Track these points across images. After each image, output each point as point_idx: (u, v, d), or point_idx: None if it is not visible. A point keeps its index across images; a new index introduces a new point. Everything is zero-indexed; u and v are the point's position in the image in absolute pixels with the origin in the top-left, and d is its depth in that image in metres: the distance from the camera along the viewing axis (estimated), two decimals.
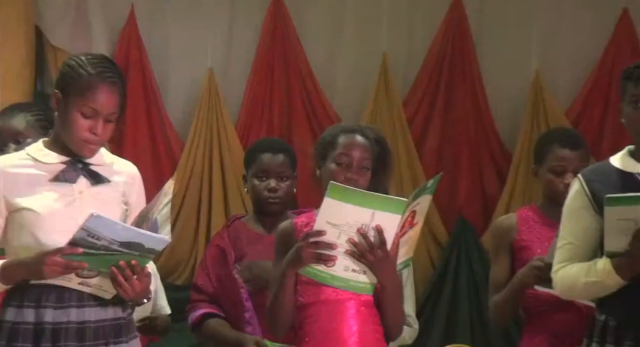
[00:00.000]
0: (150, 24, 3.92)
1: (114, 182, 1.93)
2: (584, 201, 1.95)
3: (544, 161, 2.35)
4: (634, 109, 1.92)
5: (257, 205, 2.45)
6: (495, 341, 3.74)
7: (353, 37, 3.96)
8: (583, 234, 1.95)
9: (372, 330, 1.85)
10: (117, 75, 1.92)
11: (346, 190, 1.75)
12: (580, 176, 1.99)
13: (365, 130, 1.95)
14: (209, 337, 2.43)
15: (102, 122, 1.87)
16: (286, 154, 2.47)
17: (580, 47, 3.93)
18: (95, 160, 1.94)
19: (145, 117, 3.89)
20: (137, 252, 1.78)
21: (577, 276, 1.93)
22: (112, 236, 1.75)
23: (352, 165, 1.88)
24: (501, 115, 3.96)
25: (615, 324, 1.91)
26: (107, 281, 1.84)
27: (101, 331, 1.87)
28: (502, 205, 3.82)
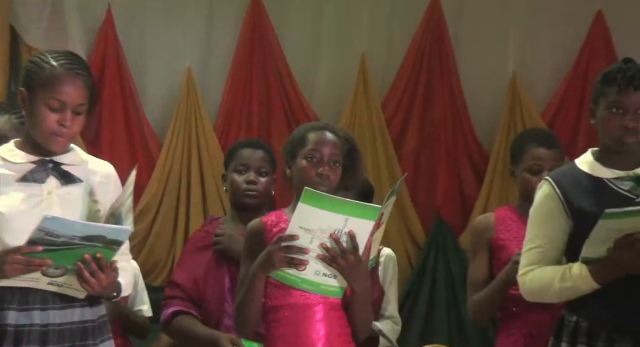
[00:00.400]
0: (127, 24, 3.90)
1: (86, 183, 1.90)
2: (556, 205, 1.96)
3: (521, 161, 2.36)
4: (613, 114, 1.93)
5: (236, 200, 2.44)
6: (472, 340, 3.77)
7: (332, 38, 3.97)
8: (552, 237, 1.96)
9: (340, 333, 1.85)
10: (82, 68, 1.89)
11: (320, 196, 1.75)
12: (550, 180, 2.00)
13: (334, 128, 1.96)
14: (180, 334, 2.41)
15: (70, 115, 1.85)
16: (266, 151, 2.47)
17: (556, 49, 3.97)
18: (69, 160, 1.91)
19: (123, 117, 3.87)
20: (100, 244, 1.77)
21: (550, 280, 1.93)
22: (71, 233, 1.74)
23: (323, 160, 1.88)
24: (479, 117, 3.99)
25: (587, 325, 1.93)
26: (77, 279, 1.82)
27: (67, 334, 1.84)
28: (480, 205, 3.85)
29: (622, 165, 1.96)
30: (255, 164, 2.41)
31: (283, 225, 1.86)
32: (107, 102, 3.86)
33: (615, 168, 1.96)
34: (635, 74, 1.93)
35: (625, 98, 1.92)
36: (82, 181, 1.90)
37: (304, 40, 3.97)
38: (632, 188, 1.94)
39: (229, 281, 2.36)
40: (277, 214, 1.93)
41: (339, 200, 1.77)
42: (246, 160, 2.41)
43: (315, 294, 1.83)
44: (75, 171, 1.91)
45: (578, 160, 2.02)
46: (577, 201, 1.94)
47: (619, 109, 1.93)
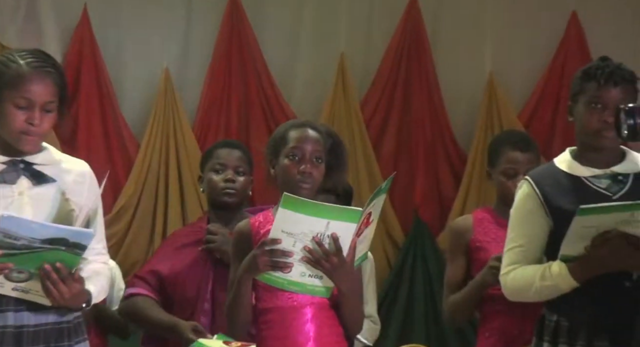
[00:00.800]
0: (104, 23, 3.86)
1: (59, 182, 1.89)
2: (535, 204, 1.97)
3: (496, 164, 2.38)
4: (592, 109, 1.95)
5: (213, 199, 2.43)
6: (450, 340, 3.79)
7: (311, 38, 3.96)
8: (533, 236, 1.97)
9: (330, 333, 1.86)
10: (50, 65, 1.87)
11: (300, 201, 1.75)
12: (529, 179, 2.01)
13: (315, 125, 1.95)
14: (132, 315, 2.39)
15: (38, 112, 1.82)
16: (243, 151, 2.47)
17: (532, 50, 4.01)
18: (41, 159, 1.89)
19: (100, 117, 3.83)
20: (62, 247, 1.74)
21: (530, 279, 1.94)
22: (31, 235, 1.72)
23: (305, 158, 1.87)
24: (456, 117, 4.01)
25: (567, 324, 1.95)
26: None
27: (41, 335, 1.83)
28: (458, 205, 3.88)
29: (599, 163, 1.98)
30: (233, 163, 2.41)
31: (269, 226, 1.85)
32: (83, 102, 3.83)
33: (592, 166, 1.98)
34: (614, 69, 1.95)
35: (604, 93, 1.94)
36: (54, 180, 1.88)
37: (283, 40, 3.97)
38: (608, 186, 1.96)
39: (212, 282, 2.35)
40: (264, 214, 1.93)
41: (318, 204, 1.77)
42: (223, 159, 2.41)
43: (303, 295, 1.84)
44: (48, 171, 1.89)
45: (556, 158, 2.04)
46: (556, 200, 1.95)
47: (598, 104, 1.95)
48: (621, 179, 1.96)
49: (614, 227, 1.83)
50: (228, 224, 2.41)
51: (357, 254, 1.85)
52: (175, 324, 2.29)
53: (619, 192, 1.95)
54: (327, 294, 1.84)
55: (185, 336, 2.24)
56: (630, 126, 1.50)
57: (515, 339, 2.27)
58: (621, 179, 1.96)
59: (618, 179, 1.96)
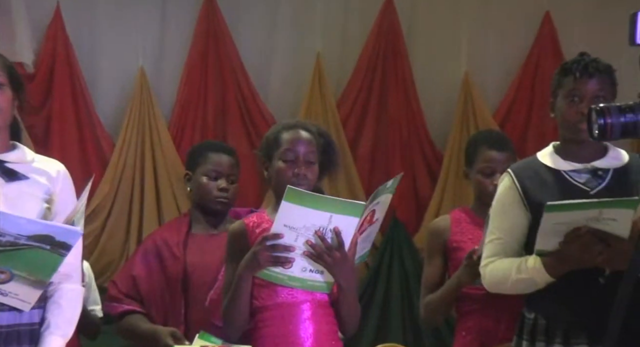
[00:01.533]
0: (77, 21, 3.82)
1: (32, 180, 1.88)
2: (514, 197, 1.99)
3: (473, 163, 2.40)
4: (571, 102, 1.98)
5: (204, 204, 2.43)
6: (426, 340, 3.81)
7: (287, 37, 3.96)
8: (512, 229, 1.99)
9: (328, 330, 1.85)
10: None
11: (303, 194, 1.75)
12: (510, 172, 2.03)
13: (307, 125, 1.95)
14: (126, 332, 2.41)
15: None
16: (234, 157, 2.47)
17: (507, 49, 4.05)
18: (13, 158, 1.88)
19: (74, 116, 3.79)
20: (47, 245, 1.72)
21: (507, 271, 1.96)
22: (17, 231, 1.70)
23: (299, 160, 1.88)
24: (432, 117, 4.04)
25: (544, 322, 1.96)
26: (23, 288, 1.78)
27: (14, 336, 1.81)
28: (434, 205, 3.90)
29: (580, 157, 2.00)
30: (227, 171, 2.41)
31: (265, 225, 1.85)
32: (56, 101, 3.78)
33: (574, 160, 2.00)
34: (590, 62, 1.99)
35: (581, 85, 1.97)
36: (27, 177, 1.87)
37: (259, 39, 3.96)
38: (587, 180, 1.98)
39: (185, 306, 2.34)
40: (258, 214, 1.93)
41: (321, 197, 1.77)
42: (218, 166, 2.42)
43: (302, 293, 1.83)
44: (20, 169, 1.87)
45: (539, 152, 2.06)
46: (535, 193, 1.97)
47: (575, 97, 1.98)
48: (601, 174, 1.98)
49: (584, 224, 1.85)
50: (212, 227, 2.42)
51: (359, 252, 1.85)
52: (154, 331, 2.29)
53: (597, 187, 1.97)
54: (328, 290, 1.84)
55: (163, 342, 2.24)
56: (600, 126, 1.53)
57: (491, 337, 2.28)
58: (601, 174, 1.98)
59: (598, 174, 1.98)
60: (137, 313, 2.38)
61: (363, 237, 1.84)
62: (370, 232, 1.86)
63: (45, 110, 3.79)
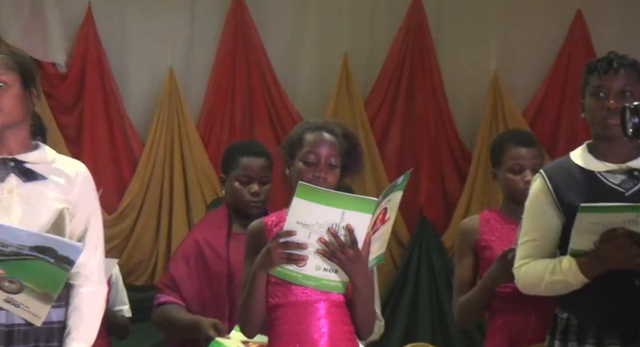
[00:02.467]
0: (108, 21, 3.86)
1: (50, 180, 1.87)
2: (547, 198, 1.98)
3: (502, 162, 2.37)
4: (596, 99, 1.96)
5: (238, 209, 2.44)
6: (455, 339, 3.78)
7: (314, 37, 3.96)
8: (545, 230, 1.98)
9: (343, 330, 1.85)
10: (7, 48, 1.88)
11: (315, 190, 1.74)
12: (542, 173, 2.02)
13: (332, 127, 1.92)
14: (163, 322, 2.40)
15: None
16: (266, 157, 2.46)
17: (537, 48, 4.01)
18: (33, 158, 1.88)
19: (105, 116, 3.83)
20: (51, 258, 1.73)
21: (542, 273, 1.95)
22: (18, 242, 1.71)
23: (320, 162, 1.86)
24: (461, 116, 4.01)
25: (577, 322, 1.95)
26: (34, 301, 1.79)
27: (32, 334, 1.82)
28: (463, 204, 3.88)
29: (613, 157, 1.97)
30: (258, 175, 2.41)
31: (283, 224, 1.84)
32: (88, 100, 3.83)
33: (607, 160, 1.98)
34: (615, 58, 1.97)
35: (606, 81, 1.96)
36: (45, 178, 1.86)
37: (287, 40, 3.97)
38: (622, 182, 1.95)
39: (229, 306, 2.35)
40: (277, 214, 1.93)
41: (333, 193, 1.75)
42: (249, 170, 2.41)
43: (316, 292, 1.83)
44: (40, 169, 1.87)
45: (573, 152, 2.04)
46: (567, 195, 1.95)
47: (601, 93, 1.96)
48: (636, 175, 1.95)
49: (621, 226, 1.82)
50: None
51: (373, 253, 1.84)
52: (196, 321, 2.29)
53: (632, 188, 1.94)
54: (343, 289, 1.83)
55: (205, 334, 2.24)
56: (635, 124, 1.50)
57: (520, 335, 2.26)
58: (637, 175, 1.95)
59: (633, 175, 1.95)
60: (172, 304, 2.37)
61: (376, 237, 1.82)
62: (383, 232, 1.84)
63: (77, 109, 3.84)
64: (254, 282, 1.82)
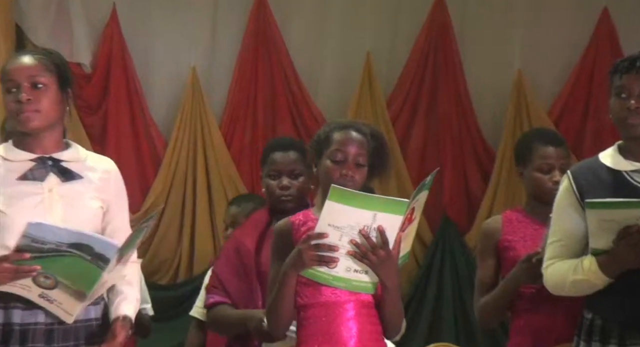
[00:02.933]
0: (132, 22, 3.90)
1: (86, 178, 1.90)
2: (571, 199, 1.97)
3: (529, 162, 2.35)
4: (618, 99, 1.96)
5: (272, 205, 2.43)
6: (479, 339, 3.76)
7: (337, 36, 3.96)
8: (571, 231, 1.97)
9: (371, 331, 1.85)
10: (37, 52, 1.91)
11: (347, 193, 1.75)
12: (569, 173, 2.01)
13: (360, 126, 1.94)
14: (215, 323, 2.42)
15: (25, 89, 1.84)
16: (297, 149, 2.41)
17: (562, 46, 3.97)
18: (67, 156, 1.91)
19: (128, 116, 3.87)
20: (88, 256, 1.75)
21: (565, 273, 1.95)
22: (58, 240, 1.73)
23: (347, 161, 1.87)
24: (484, 115, 3.99)
25: (601, 322, 1.94)
26: (67, 298, 1.81)
27: (72, 332, 1.85)
28: (486, 203, 3.85)
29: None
30: (287, 168, 2.39)
31: (311, 224, 1.86)
32: (112, 100, 3.87)
33: (636, 160, 1.96)
34: (637, 58, 1.96)
35: (627, 81, 1.95)
36: (81, 176, 1.89)
37: (309, 39, 3.97)
38: None
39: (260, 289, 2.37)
40: (304, 213, 1.93)
41: (366, 196, 1.76)
42: (277, 165, 2.39)
43: (345, 292, 1.83)
44: (75, 167, 1.90)
45: (602, 152, 2.03)
46: (591, 195, 1.93)
47: (622, 93, 1.96)
48: None
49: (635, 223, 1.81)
50: None
51: (400, 252, 1.84)
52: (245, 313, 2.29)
53: None
54: (372, 290, 1.84)
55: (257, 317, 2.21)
56: None
57: (545, 336, 2.24)
58: None
59: None
60: (225, 304, 2.38)
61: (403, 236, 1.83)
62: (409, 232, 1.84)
63: (101, 110, 3.88)
64: (284, 283, 1.83)
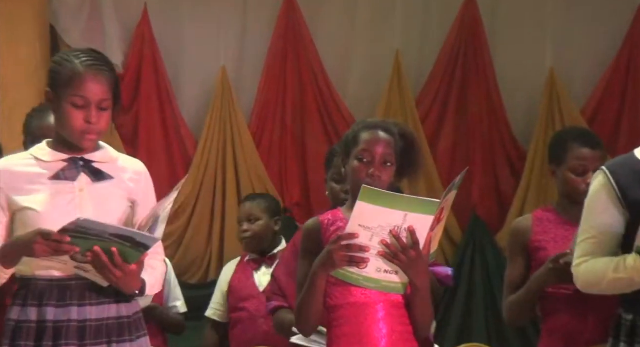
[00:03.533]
0: (163, 22, 3.93)
1: (117, 179, 1.91)
2: (609, 195, 1.93)
3: (563, 161, 2.31)
4: None
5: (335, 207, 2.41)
6: (511, 339, 3.72)
7: (366, 35, 3.95)
8: (606, 228, 1.93)
9: (402, 331, 1.84)
10: (103, 64, 1.91)
11: (378, 193, 1.75)
12: (605, 169, 1.97)
13: (388, 126, 1.92)
14: (277, 327, 2.45)
15: (95, 111, 1.86)
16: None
17: (596, 44, 3.91)
18: (99, 157, 1.93)
19: (159, 116, 3.90)
20: (128, 243, 1.79)
21: (603, 271, 1.91)
22: (103, 229, 1.77)
23: (374, 161, 1.87)
24: (515, 114, 3.94)
25: None
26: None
27: (104, 330, 1.86)
28: (518, 203, 3.81)
29: None
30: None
31: (340, 223, 1.86)
32: (144, 101, 3.90)
33: None
34: None
35: None
36: (112, 177, 1.91)
37: (338, 38, 3.96)
38: None
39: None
40: (333, 212, 1.93)
41: (397, 196, 1.76)
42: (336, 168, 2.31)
43: (376, 293, 1.83)
44: (106, 168, 1.92)
45: (637, 149, 1.99)
46: (632, 192, 1.90)
47: None
48: None
49: None
50: None
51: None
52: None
53: None
54: (402, 291, 1.83)
55: None
56: None
57: (577, 338, 2.21)
58: None
59: None
60: (284, 308, 2.41)
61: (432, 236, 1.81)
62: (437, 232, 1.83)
63: (133, 110, 3.92)
64: (313, 283, 1.83)
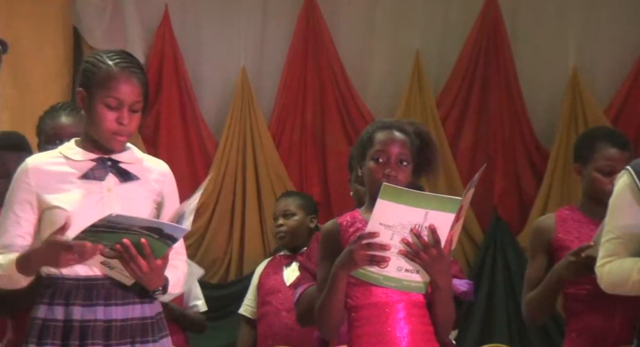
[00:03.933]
0: (184, 23, 3.95)
1: (143, 180, 1.93)
2: (634, 195, 1.92)
3: (590, 160, 2.29)
4: None
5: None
6: (533, 340, 3.69)
7: (386, 35, 3.94)
8: (632, 228, 1.92)
9: (423, 331, 1.83)
10: (136, 66, 1.93)
11: (399, 191, 1.74)
12: (630, 169, 1.95)
13: (403, 125, 1.92)
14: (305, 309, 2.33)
15: (127, 112, 1.88)
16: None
17: (619, 43, 3.86)
18: (125, 158, 1.95)
19: (180, 116, 3.92)
20: (156, 235, 1.79)
21: (628, 272, 1.89)
22: (131, 223, 1.78)
23: (390, 161, 1.86)
24: (537, 114, 3.91)
25: None
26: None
27: (128, 330, 1.87)
28: (540, 203, 3.78)
29: None
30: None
31: (358, 224, 1.85)
32: (164, 101, 3.92)
33: None
34: None
35: None
36: (138, 178, 1.93)
37: (358, 38, 3.96)
38: None
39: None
40: (351, 214, 1.93)
41: (418, 194, 1.75)
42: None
43: (396, 292, 1.82)
44: (132, 169, 1.94)
45: None
46: None
47: None
48: None
49: None
50: None
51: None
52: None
53: None
54: (424, 290, 1.82)
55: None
56: None
57: (603, 338, 2.19)
58: None
59: None
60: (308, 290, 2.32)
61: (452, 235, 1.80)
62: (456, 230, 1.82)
63: (154, 110, 3.94)
64: (334, 283, 1.82)
